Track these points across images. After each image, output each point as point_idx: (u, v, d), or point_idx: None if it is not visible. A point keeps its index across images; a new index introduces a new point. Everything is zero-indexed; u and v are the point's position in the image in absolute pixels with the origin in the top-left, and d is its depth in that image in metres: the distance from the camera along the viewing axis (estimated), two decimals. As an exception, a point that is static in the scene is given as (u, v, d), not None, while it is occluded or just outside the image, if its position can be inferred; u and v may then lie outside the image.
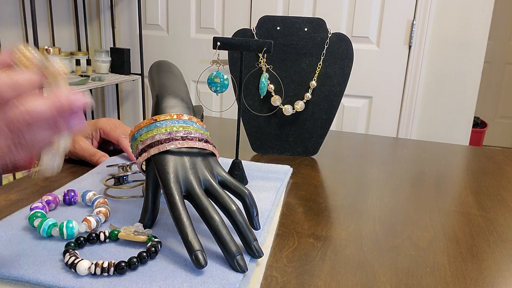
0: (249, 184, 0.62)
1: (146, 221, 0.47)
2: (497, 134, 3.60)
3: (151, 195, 0.47)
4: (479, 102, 2.52)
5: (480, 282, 0.43)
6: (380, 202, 0.61)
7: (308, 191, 0.64)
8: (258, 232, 0.48)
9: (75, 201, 0.53)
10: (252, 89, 0.77)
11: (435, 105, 2.01)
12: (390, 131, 2.08)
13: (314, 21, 0.74)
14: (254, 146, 0.80)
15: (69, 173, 0.66)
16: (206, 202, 0.43)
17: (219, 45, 0.57)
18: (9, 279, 0.38)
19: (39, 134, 0.31)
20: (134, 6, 2.30)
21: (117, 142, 0.71)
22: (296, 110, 0.76)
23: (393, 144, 0.96)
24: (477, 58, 1.92)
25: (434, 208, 0.60)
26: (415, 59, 1.96)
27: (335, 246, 0.48)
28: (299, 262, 0.44)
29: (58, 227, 0.43)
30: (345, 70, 0.75)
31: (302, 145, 0.80)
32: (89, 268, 0.38)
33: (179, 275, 0.39)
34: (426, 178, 0.72)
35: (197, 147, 0.47)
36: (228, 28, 2.18)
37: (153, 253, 0.41)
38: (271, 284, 0.41)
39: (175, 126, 0.47)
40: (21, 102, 0.30)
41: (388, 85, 2.03)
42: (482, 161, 0.84)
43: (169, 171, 0.44)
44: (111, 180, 0.60)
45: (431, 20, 1.91)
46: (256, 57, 0.75)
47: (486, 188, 0.69)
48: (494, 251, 0.49)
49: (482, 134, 3.10)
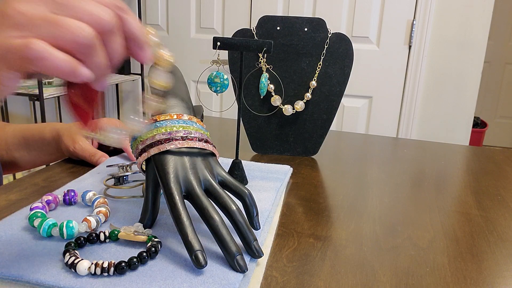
0: (249, 184, 0.62)
1: (146, 221, 0.47)
2: (497, 134, 3.60)
3: (151, 195, 0.47)
4: (479, 102, 2.52)
5: (480, 282, 0.43)
6: (380, 202, 0.61)
7: (308, 191, 0.64)
8: (258, 232, 0.48)
9: (75, 201, 0.53)
10: (252, 89, 0.77)
11: (435, 105, 2.01)
12: (390, 131, 2.08)
13: (314, 21, 0.74)
14: (254, 146, 0.80)
15: (69, 173, 0.66)
16: (206, 202, 0.43)
17: (219, 45, 0.57)
18: (9, 279, 0.38)
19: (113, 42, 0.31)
20: (134, 6, 2.30)
21: (117, 142, 0.71)
22: (296, 110, 0.76)
23: (393, 144, 0.96)
24: (477, 58, 1.92)
25: (434, 208, 0.60)
26: (415, 59, 1.96)
27: (335, 246, 0.48)
28: (299, 262, 0.44)
29: (58, 227, 0.43)
30: (345, 70, 0.75)
31: (302, 145, 0.80)
32: (89, 268, 0.38)
33: (179, 275, 0.39)
34: (426, 178, 0.72)
35: (197, 147, 0.47)
36: (228, 28, 2.18)
37: (153, 253, 0.41)
38: (271, 284, 0.41)
39: (175, 126, 0.47)
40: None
41: (388, 85, 2.03)
42: (482, 161, 0.84)
43: (169, 171, 0.44)
44: (111, 180, 0.60)
45: (431, 20, 1.91)
46: (256, 57, 0.75)
47: (486, 188, 0.69)
48: (494, 251, 0.49)
49: (482, 134, 3.10)
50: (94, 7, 0.29)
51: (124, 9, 0.32)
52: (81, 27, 0.28)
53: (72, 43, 0.28)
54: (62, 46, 0.28)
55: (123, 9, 0.32)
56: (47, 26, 0.28)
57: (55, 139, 0.71)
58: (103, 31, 0.30)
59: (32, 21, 0.28)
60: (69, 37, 0.28)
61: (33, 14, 0.28)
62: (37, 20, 0.28)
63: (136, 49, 0.33)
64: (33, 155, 0.75)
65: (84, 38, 0.28)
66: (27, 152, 0.75)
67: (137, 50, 0.34)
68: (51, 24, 0.28)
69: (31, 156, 0.75)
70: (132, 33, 0.32)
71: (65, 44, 0.28)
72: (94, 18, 0.29)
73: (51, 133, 0.72)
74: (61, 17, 0.28)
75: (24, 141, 0.74)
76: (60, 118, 2.30)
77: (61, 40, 0.28)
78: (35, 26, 0.28)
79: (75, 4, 0.29)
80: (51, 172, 0.65)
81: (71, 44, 0.29)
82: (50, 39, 0.28)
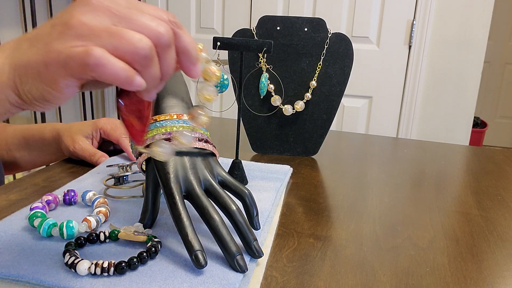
0: (249, 184, 0.62)
1: (146, 221, 0.47)
2: (497, 134, 3.60)
3: (151, 195, 0.47)
4: (479, 102, 2.52)
5: (480, 282, 0.43)
6: (380, 202, 0.61)
7: (308, 191, 0.64)
8: (258, 232, 0.48)
9: (75, 201, 0.53)
10: (252, 89, 0.77)
11: (435, 105, 2.01)
12: (390, 131, 2.08)
13: (314, 21, 0.74)
14: (254, 146, 0.80)
15: (69, 173, 0.66)
16: (206, 202, 0.43)
17: (219, 45, 0.57)
18: (9, 279, 0.38)
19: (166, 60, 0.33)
20: (134, 6, 2.30)
21: (117, 142, 0.71)
22: (296, 110, 0.76)
23: (393, 144, 0.96)
24: (477, 58, 1.92)
25: (434, 208, 0.60)
26: (415, 59, 1.96)
27: (335, 246, 0.48)
28: (299, 262, 0.44)
29: (58, 227, 0.43)
30: (345, 70, 0.75)
31: (302, 145, 0.80)
32: (89, 268, 0.38)
33: (179, 275, 0.39)
34: (426, 178, 0.72)
35: (197, 147, 0.47)
36: (228, 28, 2.18)
37: (153, 253, 0.41)
38: (271, 284, 0.41)
39: (175, 126, 0.47)
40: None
41: (388, 85, 2.03)
42: (482, 161, 0.84)
43: (169, 171, 0.44)
44: (111, 180, 0.60)
45: (431, 20, 1.91)
46: (256, 57, 0.75)
47: (486, 188, 0.69)
48: (494, 251, 0.49)
49: (482, 134, 3.10)
50: (152, 21, 0.31)
51: (179, 25, 0.33)
52: (141, 39, 0.30)
53: (131, 54, 0.30)
54: (121, 56, 0.30)
55: (178, 25, 0.33)
56: (108, 37, 0.30)
57: (55, 139, 0.71)
58: (159, 44, 0.31)
59: (94, 32, 0.30)
60: (129, 48, 0.30)
61: (96, 26, 0.30)
62: (100, 31, 0.30)
63: (188, 64, 0.35)
64: (34, 155, 0.75)
65: (143, 49, 0.30)
66: (27, 152, 0.75)
67: (189, 65, 0.35)
68: (112, 35, 0.30)
69: (31, 156, 0.75)
70: (185, 48, 0.34)
71: (124, 54, 0.30)
72: (152, 32, 0.31)
73: (51, 133, 0.72)
74: (122, 29, 0.30)
75: (25, 141, 0.74)
76: (60, 118, 2.30)
77: (121, 50, 0.30)
78: (97, 37, 0.29)
79: (135, 18, 0.31)
80: (51, 172, 0.65)
81: (130, 54, 0.30)
82: (111, 49, 0.30)
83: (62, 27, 0.30)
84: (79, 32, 0.29)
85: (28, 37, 0.32)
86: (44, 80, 0.31)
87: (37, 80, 0.31)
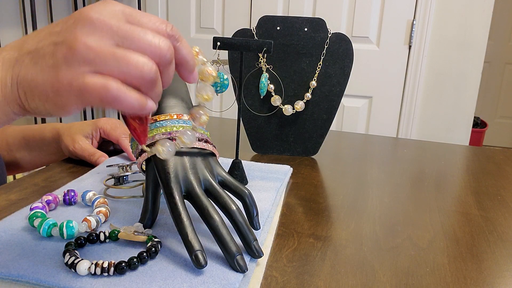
0: (249, 184, 0.62)
1: (146, 221, 0.47)
2: (497, 134, 3.60)
3: (151, 195, 0.47)
4: (479, 102, 2.52)
5: (480, 282, 0.43)
6: (380, 202, 0.61)
7: (308, 191, 0.64)
8: (258, 232, 0.48)
9: (75, 201, 0.53)
10: (252, 89, 0.77)
11: (435, 105, 2.01)
12: (390, 131, 2.08)
13: (314, 21, 0.74)
14: (254, 146, 0.80)
15: (69, 173, 0.66)
16: (206, 202, 0.43)
17: (219, 45, 0.57)
18: (9, 279, 0.38)
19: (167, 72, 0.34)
20: (134, 6, 2.30)
21: (117, 142, 0.71)
22: (296, 110, 0.76)
23: (393, 144, 0.96)
24: (477, 58, 1.92)
25: (434, 208, 0.60)
26: (415, 59, 1.96)
27: (335, 246, 0.48)
28: (299, 262, 0.44)
29: (58, 227, 0.43)
30: (345, 70, 0.75)
31: (302, 145, 0.80)
32: (89, 268, 0.38)
33: (179, 275, 0.39)
34: (426, 178, 0.72)
35: (197, 147, 0.47)
36: (228, 28, 2.18)
37: (153, 253, 0.41)
38: (271, 284, 0.41)
39: (175, 126, 0.47)
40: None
41: (388, 85, 2.03)
42: (482, 161, 0.84)
43: (169, 171, 0.44)
44: (111, 180, 0.60)
45: (431, 20, 1.91)
46: (256, 57, 0.75)
47: (486, 188, 0.69)
48: (494, 251, 0.49)
49: (482, 134, 3.10)
50: (154, 38, 0.32)
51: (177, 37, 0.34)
52: (146, 63, 0.31)
53: (138, 79, 0.31)
54: (129, 82, 0.31)
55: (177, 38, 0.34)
56: (115, 62, 0.30)
57: (55, 139, 0.71)
58: (162, 63, 0.32)
59: (100, 56, 0.30)
60: (136, 74, 0.31)
61: (101, 48, 0.30)
62: (105, 55, 0.30)
63: (186, 73, 0.36)
64: (34, 155, 0.75)
65: (148, 74, 0.31)
66: (27, 152, 0.75)
67: (187, 74, 0.36)
68: (119, 60, 0.30)
69: (31, 156, 0.75)
70: (184, 60, 0.35)
71: (132, 80, 0.31)
72: (155, 51, 0.32)
73: (51, 133, 0.72)
74: (127, 53, 0.31)
75: (25, 142, 0.74)
76: (60, 118, 2.30)
77: (129, 76, 0.31)
78: (103, 62, 0.30)
79: (137, 36, 0.31)
80: (51, 172, 0.65)
81: (137, 80, 0.31)
82: (119, 75, 0.30)
83: (67, 50, 0.30)
84: (85, 57, 0.30)
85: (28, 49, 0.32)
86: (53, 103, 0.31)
87: (45, 102, 0.31)
